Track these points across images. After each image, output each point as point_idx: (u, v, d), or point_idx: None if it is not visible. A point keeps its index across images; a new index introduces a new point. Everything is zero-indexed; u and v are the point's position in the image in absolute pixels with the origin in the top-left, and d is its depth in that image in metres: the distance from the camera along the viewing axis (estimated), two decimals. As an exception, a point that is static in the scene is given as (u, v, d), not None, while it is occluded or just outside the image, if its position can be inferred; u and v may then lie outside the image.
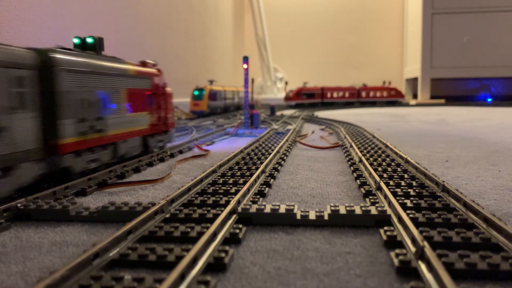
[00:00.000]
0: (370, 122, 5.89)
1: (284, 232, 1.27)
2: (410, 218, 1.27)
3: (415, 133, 4.33)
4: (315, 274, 0.99)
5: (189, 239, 1.17)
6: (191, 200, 1.54)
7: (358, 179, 1.92)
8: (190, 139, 3.57)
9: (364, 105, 11.87)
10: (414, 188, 1.72)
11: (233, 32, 12.78)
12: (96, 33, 2.82)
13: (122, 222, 1.37)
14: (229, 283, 0.95)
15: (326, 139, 3.79)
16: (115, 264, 1.03)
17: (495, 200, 1.64)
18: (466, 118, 6.56)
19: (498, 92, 13.11)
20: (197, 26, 9.27)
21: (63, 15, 4.66)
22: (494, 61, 12.16)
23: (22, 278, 0.99)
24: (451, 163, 2.50)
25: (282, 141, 3.20)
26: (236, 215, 1.35)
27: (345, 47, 14.70)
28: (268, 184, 1.88)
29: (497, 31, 12.10)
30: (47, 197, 1.63)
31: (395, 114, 8.07)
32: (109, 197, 1.76)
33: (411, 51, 13.64)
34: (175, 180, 2.10)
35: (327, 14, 14.72)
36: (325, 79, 14.13)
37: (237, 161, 2.40)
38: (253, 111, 4.96)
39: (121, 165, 2.26)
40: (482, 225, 1.22)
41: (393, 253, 1.05)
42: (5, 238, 1.27)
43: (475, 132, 4.33)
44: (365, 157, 2.45)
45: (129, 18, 6.23)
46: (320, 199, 1.67)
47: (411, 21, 13.58)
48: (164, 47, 7.54)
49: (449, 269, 0.93)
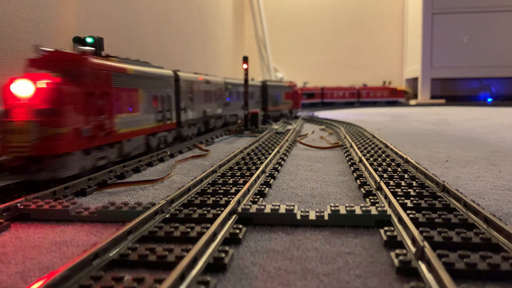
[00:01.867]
0: (370, 122, 5.89)
1: (284, 232, 1.27)
2: (410, 218, 1.27)
3: (415, 133, 4.33)
4: (315, 274, 0.98)
5: (189, 239, 1.17)
6: (191, 200, 1.54)
7: (358, 179, 1.92)
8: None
9: (364, 105, 11.87)
10: (414, 188, 1.72)
11: (233, 32, 12.78)
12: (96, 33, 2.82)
13: (122, 222, 1.37)
14: (229, 283, 0.95)
15: (326, 139, 3.79)
16: (115, 264, 1.03)
17: (495, 200, 1.63)
18: (466, 118, 6.55)
19: (498, 92, 13.10)
20: (197, 26, 9.28)
21: (63, 15, 4.65)
22: (494, 61, 12.15)
23: (22, 278, 0.99)
24: (451, 163, 2.50)
25: (282, 141, 3.20)
26: (236, 215, 1.35)
27: (345, 47, 14.70)
28: (268, 184, 1.88)
29: (497, 31, 12.09)
30: (47, 197, 1.63)
31: (395, 114, 8.07)
32: (109, 197, 1.76)
33: (411, 51, 13.63)
34: (175, 180, 2.10)
35: (327, 14, 14.72)
36: (325, 79, 14.12)
37: (237, 161, 2.40)
38: (253, 110, 4.96)
39: (121, 165, 2.26)
40: (483, 225, 1.22)
41: (393, 253, 1.05)
42: (5, 238, 1.27)
43: (476, 132, 4.33)
44: (365, 157, 2.45)
45: (129, 18, 6.23)
46: (320, 199, 1.67)
47: (411, 21, 13.57)
48: (164, 47, 7.54)
49: (449, 269, 0.93)
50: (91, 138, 1.98)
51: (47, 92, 1.74)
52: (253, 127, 4.78)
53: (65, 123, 1.78)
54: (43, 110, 1.73)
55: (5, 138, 1.72)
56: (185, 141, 3.40)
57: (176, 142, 3.28)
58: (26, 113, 1.72)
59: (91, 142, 1.99)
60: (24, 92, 1.73)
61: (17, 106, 1.73)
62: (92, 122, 1.99)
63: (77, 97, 1.88)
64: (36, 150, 1.72)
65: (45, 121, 1.72)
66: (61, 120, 1.76)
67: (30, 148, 1.72)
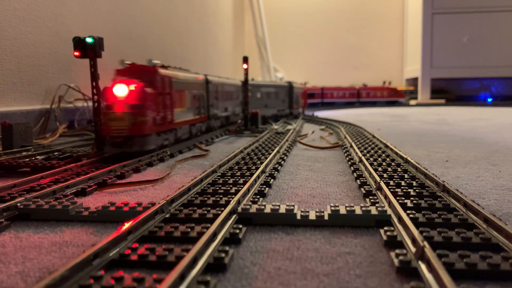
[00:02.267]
0: (370, 122, 5.89)
1: (284, 232, 1.27)
2: (410, 218, 1.27)
3: (415, 133, 4.33)
4: (315, 274, 0.98)
5: (189, 239, 1.17)
6: (191, 200, 1.54)
7: (358, 179, 1.92)
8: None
9: (364, 105, 11.87)
10: (414, 188, 1.72)
11: (233, 32, 12.77)
12: (96, 33, 2.82)
13: (122, 222, 1.37)
14: (229, 283, 0.94)
15: (326, 139, 3.79)
16: (115, 264, 1.03)
17: (495, 200, 1.63)
18: (466, 118, 6.55)
19: (498, 92, 13.10)
20: (197, 26, 9.27)
21: (63, 15, 4.65)
22: (494, 61, 12.15)
23: (22, 278, 0.99)
24: (451, 163, 2.50)
25: (282, 141, 3.20)
26: (236, 215, 1.35)
27: (345, 47, 14.69)
28: (268, 184, 1.88)
29: (497, 31, 12.10)
30: (47, 196, 1.63)
31: (395, 114, 8.07)
32: (109, 197, 1.76)
33: (411, 51, 13.63)
34: (175, 180, 2.10)
35: (327, 14, 14.71)
36: (325, 79, 14.12)
37: (237, 161, 2.40)
38: (253, 110, 4.96)
39: (121, 165, 2.26)
40: (482, 225, 1.22)
41: (393, 253, 1.05)
42: (5, 238, 1.27)
43: (475, 132, 4.33)
44: (365, 157, 2.45)
45: (129, 18, 6.22)
46: (320, 199, 1.67)
47: (411, 21, 13.58)
48: (164, 47, 7.53)
49: (449, 269, 0.93)
50: (161, 125, 2.80)
51: (136, 92, 2.55)
52: (253, 127, 4.78)
53: (147, 114, 2.58)
54: (133, 105, 2.54)
55: (108, 124, 2.55)
56: (211, 131, 4.19)
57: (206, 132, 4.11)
58: (122, 107, 2.53)
59: (161, 127, 2.82)
60: (121, 93, 2.54)
61: (116, 102, 2.54)
62: (161, 114, 2.80)
63: (153, 96, 2.68)
64: (129, 132, 2.54)
65: (135, 112, 2.53)
66: (145, 112, 2.56)
67: (126, 130, 2.54)
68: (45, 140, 3.79)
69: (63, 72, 4.63)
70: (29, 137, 3.20)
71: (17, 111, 3.90)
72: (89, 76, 2.83)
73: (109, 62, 5.49)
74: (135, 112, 2.52)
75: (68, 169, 2.18)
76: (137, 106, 2.53)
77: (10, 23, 3.89)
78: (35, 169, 2.30)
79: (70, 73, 4.74)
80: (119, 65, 2.75)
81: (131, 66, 2.74)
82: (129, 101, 2.53)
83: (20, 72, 4.02)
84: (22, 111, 3.96)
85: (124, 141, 2.56)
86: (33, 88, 4.20)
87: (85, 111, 4.81)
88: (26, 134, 3.18)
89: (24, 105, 4.06)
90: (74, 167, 2.23)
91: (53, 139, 3.92)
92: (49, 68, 4.42)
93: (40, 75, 4.29)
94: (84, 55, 2.75)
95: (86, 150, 2.94)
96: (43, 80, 4.33)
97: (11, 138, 3.05)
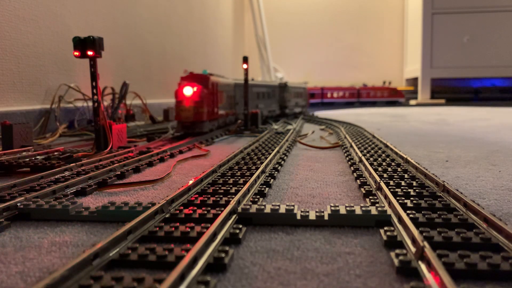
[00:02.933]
0: (370, 122, 5.89)
1: (284, 232, 1.27)
2: (410, 218, 1.27)
3: (415, 133, 4.33)
4: (315, 274, 0.98)
5: (189, 239, 1.17)
6: (191, 200, 1.54)
7: (358, 179, 1.92)
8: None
9: (364, 105, 11.87)
10: (414, 188, 1.72)
11: (233, 32, 12.77)
12: (96, 33, 2.81)
13: (122, 222, 1.37)
14: (229, 283, 0.94)
15: (326, 139, 3.79)
16: (115, 264, 1.03)
17: (495, 200, 1.63)
18: (466, 118, 6.56)
19: (498, 92, 13.09)
20: (197, 25, 9.27)
21: (63, 15, 4.65)
22: (494, 61, 12.15)
23: (21, 278, 0.99)
24: (451, 163, 2.50)
25: (282, 141, 3.20)
26: (236, 215, 1.35)
27: (345, 47, 14.69)
28: (268, 184, 1.88)
29: (497, 31, 12.09)
30: (47, 196, 1.63)
31: (395, 114, 8.07)
32: (109, 197, 1.76)
33: (411, 51, 13.63)
34: (175, 180, 2.10)
35: (327, 14, 14.71)
36: (325, 79, 14.12)
37: (237, 161, 2.40)
38: (254, 110, 4.96)
39: (120, 164, 2.26)
40: (482, 225, 1.22)
41: (393, 253, 1.05)
42: (4, 238, 1.27)
43: (475, 132, 4.33)
44: (365, 157, 2.45)
45: (129, 18, 6.22)
46: (320, 199, 1.67)
47: (411, 21, 13.57)
48: (164, 47, 7.53)
49: (449, 269, 0.93)
50: (211, 115, 4.01)
51: (197, 92, 3.78)
52: (253, 127, 4.78)
53: (204, 107, 3.80)
54: (196, 101, 3.76)
55: (180, 113, 3.79)
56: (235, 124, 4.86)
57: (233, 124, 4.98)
58: (189, 102, 3.76)
59: (211, 116, 4.01)
60: (188, 92, 3.78)
61: (185, 99, 3.78)
62: (211, 107, 3.99)
63: (208, 95, 3.88)
64: (193, 118, 3.77)
65: (197, 105, 3.76)
66: (203, 105, 3.78)
67: (191, 117, 3.76)
68: (45, 140, 3.80)
69: (63, 72, 4.64)
70: (29, 137, 3.20)
71: (17, 111, 3.90)
72: (89, 76, 2.83)
73: (109, 62, 5.48)
74: (197, 105, 3.75)
75: (68, 168, 2.19)
76: (198, 102, 3.76)
77: (10, 23, 3.89)
78: (35, 169, 2.31)
79: (70, 73, 4.75)
80: (183, 73, 3.99)
81: (191, 74, 3.94)
82: (193, 98, 3.75)
83: (20, 72, 4.02)
84: (22, 111, 3.97)
85: (190, 125, 3.78)
86: (33, 88, 4.20)
87: (85, 111, 4.81)
88: (26, 134, 3.18)
89: (24, 105, 4.07)
90: (74, 166, 2.23)
91: (53, 139, 3.92)
92: (49, 68, 4.42)
93: (40, 75, 4.30)
94: (84, 55, 2.75)
95: (86, 150, 2.94)
96: (43, 80, 4.33)
97: (11, 138, 3.05)
